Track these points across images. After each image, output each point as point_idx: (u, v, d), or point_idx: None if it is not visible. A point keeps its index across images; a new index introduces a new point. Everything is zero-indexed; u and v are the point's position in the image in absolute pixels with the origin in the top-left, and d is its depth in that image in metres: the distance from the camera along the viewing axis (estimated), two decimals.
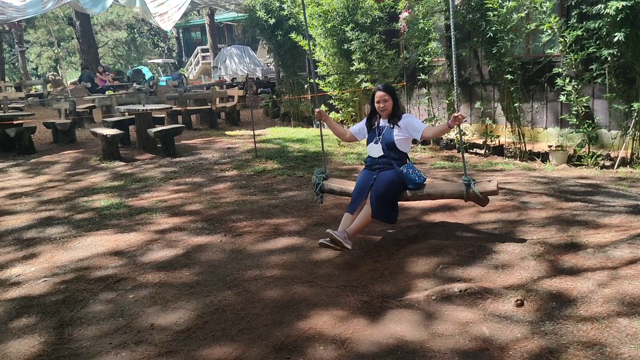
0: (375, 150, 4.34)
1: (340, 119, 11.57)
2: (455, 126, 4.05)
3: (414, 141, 4.18)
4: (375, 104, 4.35)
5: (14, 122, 10.22)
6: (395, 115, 4.34)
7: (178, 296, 3.72)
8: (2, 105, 12.19)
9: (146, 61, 37.68)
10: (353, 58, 10.13)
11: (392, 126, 4.31)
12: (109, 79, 19.57)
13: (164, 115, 11.60)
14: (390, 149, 4.29)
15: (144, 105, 10.44)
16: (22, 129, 10.04)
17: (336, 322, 3.21)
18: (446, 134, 9.35)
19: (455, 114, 3.91)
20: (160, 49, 41.05)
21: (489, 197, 4.16)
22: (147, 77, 24.89)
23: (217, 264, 4.25)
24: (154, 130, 9.14)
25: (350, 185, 4.56)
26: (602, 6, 6.69)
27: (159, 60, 33.86)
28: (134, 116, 9.87)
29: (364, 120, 4.57)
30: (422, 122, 4.40)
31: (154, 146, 9.39)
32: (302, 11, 10.96)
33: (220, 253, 4.50)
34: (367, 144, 4.44)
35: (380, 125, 4.38)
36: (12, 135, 9.92)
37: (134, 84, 20.90)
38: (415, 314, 3.23)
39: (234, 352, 2.97)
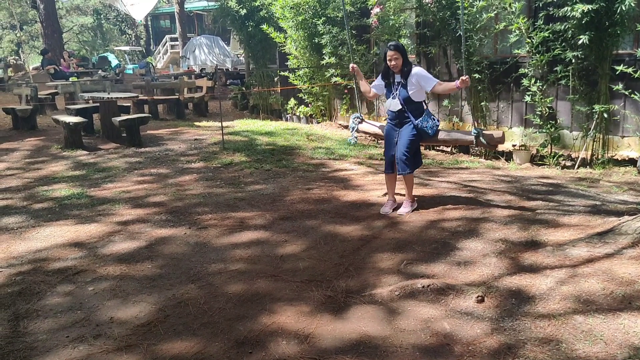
0: (394, 104, 5.01)
1: (310, 113, 11.55)
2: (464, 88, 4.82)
3: None
4: (387, 62, 4.91)
5: None
6: (405, 70, 4.89)
7: (139, 289, 3.65)
8: None
9: (112, 48, 36.76)
10: (324, 52, 10.11)
11: (405, 81, 4.90)
12: (73, 64, 19.05)
13: (129, 104, 11.35)
14: (407, 102, 4.94)
15: (109, 93, 10.20)
16: None
17: (299, 317, 3.21)
18: None
19: (464, 77, 4.63)
20: (127, 36, 40.14)
21: (497, 143, 5.00)
22: (113, 65, 24.26)
23: (181, 257, 4.19)
24: (119, 119, 8.94)
25: (379, 130, 5.39)
26: (569, 9, 6.84)
27: (126, 48, 33.08)
28: (98, 104, 9.63)
29: (380, 77, 5.15)
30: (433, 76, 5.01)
31: (119, 135, 9.19)
32: (274, 2, 10.88)
33: (184, 246, 4.43)
34: (386, 98, 5.10)
35: (395, 81, 4.98)
36: None
37: (99, 71, 20.42)
38: (379, 310, 3.25)
39: (195, 346, 2.93)
